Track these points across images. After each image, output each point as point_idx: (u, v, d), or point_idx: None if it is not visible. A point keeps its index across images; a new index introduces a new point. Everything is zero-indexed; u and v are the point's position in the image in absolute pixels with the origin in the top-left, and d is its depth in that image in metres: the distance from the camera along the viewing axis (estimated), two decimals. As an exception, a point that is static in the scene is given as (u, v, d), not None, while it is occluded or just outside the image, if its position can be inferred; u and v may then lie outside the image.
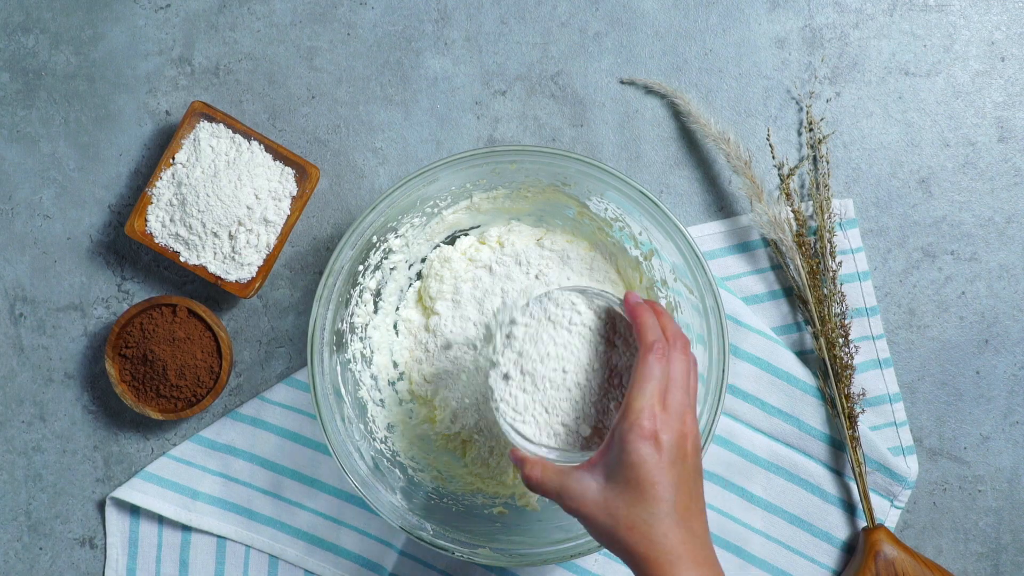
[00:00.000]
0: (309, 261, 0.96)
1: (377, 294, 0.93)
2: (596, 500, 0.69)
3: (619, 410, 0.70)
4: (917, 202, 0.96)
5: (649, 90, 0.96)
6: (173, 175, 0.92)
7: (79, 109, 0.96)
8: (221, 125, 0.92)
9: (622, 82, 0.96)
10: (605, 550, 0.93)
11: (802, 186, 0.96)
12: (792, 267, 0.94)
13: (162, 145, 0.96)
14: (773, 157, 0.95)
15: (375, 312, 0.93)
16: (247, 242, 0.91)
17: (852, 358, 0.93)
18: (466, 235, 0.95)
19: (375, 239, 0.87)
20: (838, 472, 0.94)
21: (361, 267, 0.88)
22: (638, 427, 0.68)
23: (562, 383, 0.75)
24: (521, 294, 0.77)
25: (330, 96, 0.96)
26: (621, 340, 0.76)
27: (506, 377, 0.76)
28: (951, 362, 0.96)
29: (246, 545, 0.95)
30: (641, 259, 0.91)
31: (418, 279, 0.96)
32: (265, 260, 0.92)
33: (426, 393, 0.94)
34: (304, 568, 0.95)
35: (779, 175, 0.95)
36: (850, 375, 0.93)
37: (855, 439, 0.93)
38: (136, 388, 0.93)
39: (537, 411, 0.76)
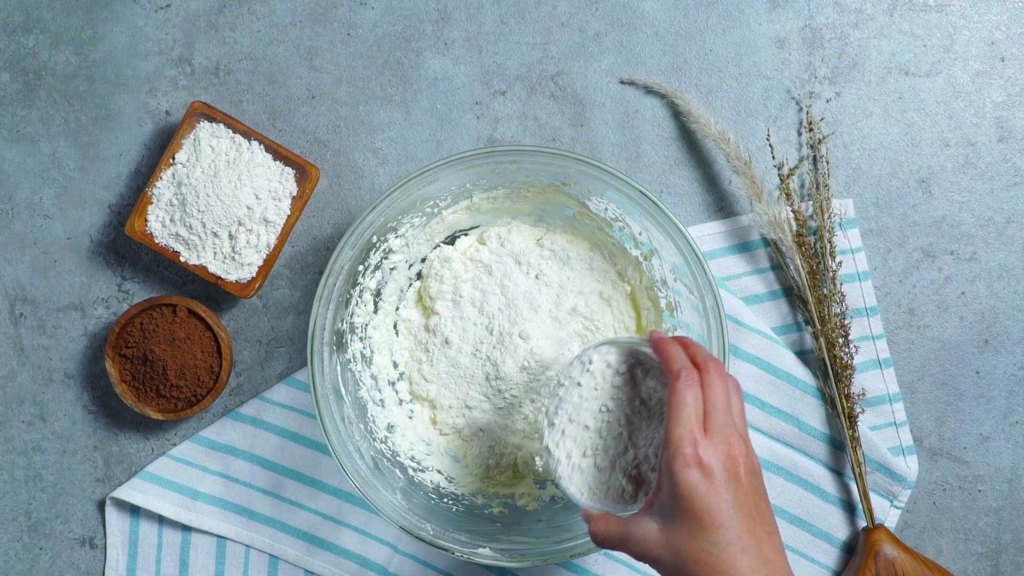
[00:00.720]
0: (309, 261, 0.96)
1: (377, 294, 0.93)
2: (658, 540, 0.68)
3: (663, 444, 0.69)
4: (917, 202, 0.96)
5: (649, 90, 0.96)
6: (173, 175, 0.92)
7: (79, 109, 0.96)
8: (221, 125, 0.92)
9: (622, 82, 0.96)
10: (606, 550, 0.93)
11: (802, 186, 0.96)
12: (792, 267, 0.94)
13: (162, 145, 0.96)
14: (773, 157, 0.95)
15: (375, 312, 0.93)
16: (247, 242, 0.91)
17: (852, 358, 0.93)
18: (466, 235, 0.95)
19: (375, 239, 0.87)
20: (838, 472, 0.94)
21: (361, 267, 0.88)
22: (680, 456, 0.66)
23: (609, 438, 0.75)
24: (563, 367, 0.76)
25: (330, 96, 0.96)
26: (656, 383, 0.75)
27: (557, 449, 0.77)
28: (951, 362, 0.96)
29: (246, 545, 0.95)
30: (641, 259, 0.91)
31: (418, 279, 0.96)
32: (265, 260, 0.92)
33: (426, 393, 0.94)
34: (304, 568, 0.95)
35: (779, 175, 0.95)
36: (850, 375, 0.93)
37: (855, 439, 0.93)
38: (136, 388, 0.93)
39: (591, 472, 0.76)
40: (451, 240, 0.95)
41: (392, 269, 0.93)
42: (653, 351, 0.74)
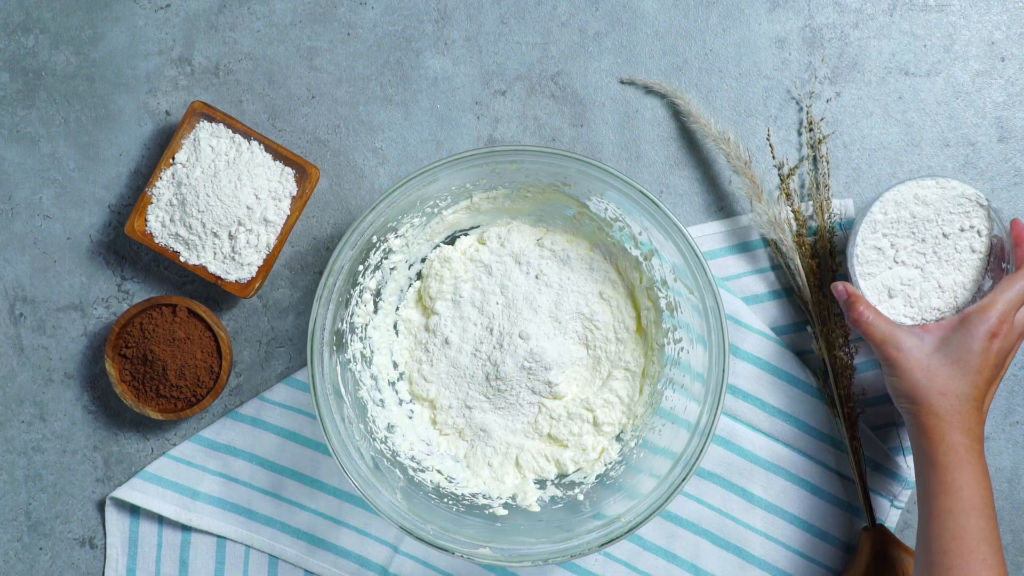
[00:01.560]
0: (309, 261, 0.96)
1: (377, 294, 0.93)
2: (920, 358, 0.83)
3: (975, 302, 0.86)
4: (917, 202, 0.96)
5: (649, 90, 0.96)
6: (173, 175, 0.92)
7: (79, 109, 0.96)
8: (221, 125, 0.92)
9: (622, 82, 0.96)
10: (605, 550, 0.93)
11: (802, 186, 0.96)
12: (792, 267, 0.94)
13: (162, 145, 0.96)
14: (773, 157, 0.95)
15: (375, 312, 0.93)
16: (247, 242, 0.91)
17: (852, 358, 0.93)
18: (466, 235, 0.95)
19: (375, 239, 0.87)
20: (838, 472, 0.94)
21: (361, 267, 0.88)
22: (988, 321, 0.82)
23: (924, 267, 0.90)
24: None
25: (330, 96, 0.96)
26: (994, 255, 0.89)
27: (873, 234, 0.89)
28: (951, 362, 0.96)
29: (246, 545, 0.95)
30: (641, 259, 0.91)
31: (418, 279, 0.96)
32: (265, 260, 0.92)
33: (426, 393, 0.94)
34: (304, 568, 0.95)
35: (779, 175, 0.95)
36: (850, 375, 0.93)
37: (855, 439, 0.93)
38: (136, 388, 0.93)
39: (892, 277, 0.89)
40: (451, 240, 0.95)
41: (392, 269, 0.93)
42: (1012, 233, 0.87)
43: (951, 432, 0.81)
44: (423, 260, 0.95)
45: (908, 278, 0.90)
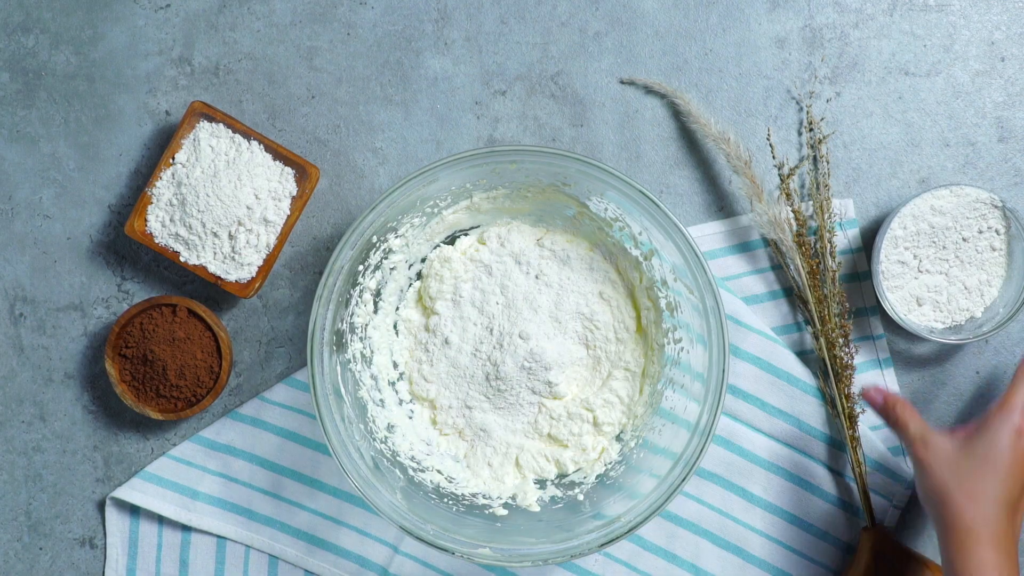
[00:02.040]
0: (309, 261, 0.96)
1: (377, 294, 0.93)
2: (948, 458, 0.81)
3: (998, 400, 0.83)
4: (917, 202, 0.96)
5: (649, 90, 0.96)
6: (173, 175, 0.92)
7: (79, 109, 0.96)
8: (221, 125, 0.92)
9: (622, 82, 0.96)
10: (605, 550, 0.93)
11: (802, 186, 0.96)
12: (792, 267, 0.94)
13: (162, 145, 0.96)
14: (773, 157, 0.95)
15: (375, 312, 0.93)
16: (247, 242, 0.91)
17: (852, 358, 0.93)
18: (466, 235, 0.95)
19: (375, 239, 0.87)
20: (838, 472, 0.94)
21: (361, 267, 0.88)
22: (1011, 419, 0.81)
23: (949, 272, 0.91)
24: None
25: (330, 96, 0.96)
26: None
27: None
28: (951, 362, 0.96)
29: (246, 545, 0.95)
30: (641, 259, 0.91)
31: (418, 279, 0.96)
32: (265, 260, 0.92)
33: (426, 393, 0.94)
34: (304, 568, 0.95)
35: (779, 175, 0.95)
36: (850, 375, 0.93)
37: (855, 439, 0.93)
38: (136, 388, 0.93)
39: (918, 286, 0.92)
40: (451, 240, 0.95)
41: (392, 269, 0.93)
42: None
43: (979, 547, 0.77)
44: (423, 260, 0.95)
45: (934, 285, 0.92)
